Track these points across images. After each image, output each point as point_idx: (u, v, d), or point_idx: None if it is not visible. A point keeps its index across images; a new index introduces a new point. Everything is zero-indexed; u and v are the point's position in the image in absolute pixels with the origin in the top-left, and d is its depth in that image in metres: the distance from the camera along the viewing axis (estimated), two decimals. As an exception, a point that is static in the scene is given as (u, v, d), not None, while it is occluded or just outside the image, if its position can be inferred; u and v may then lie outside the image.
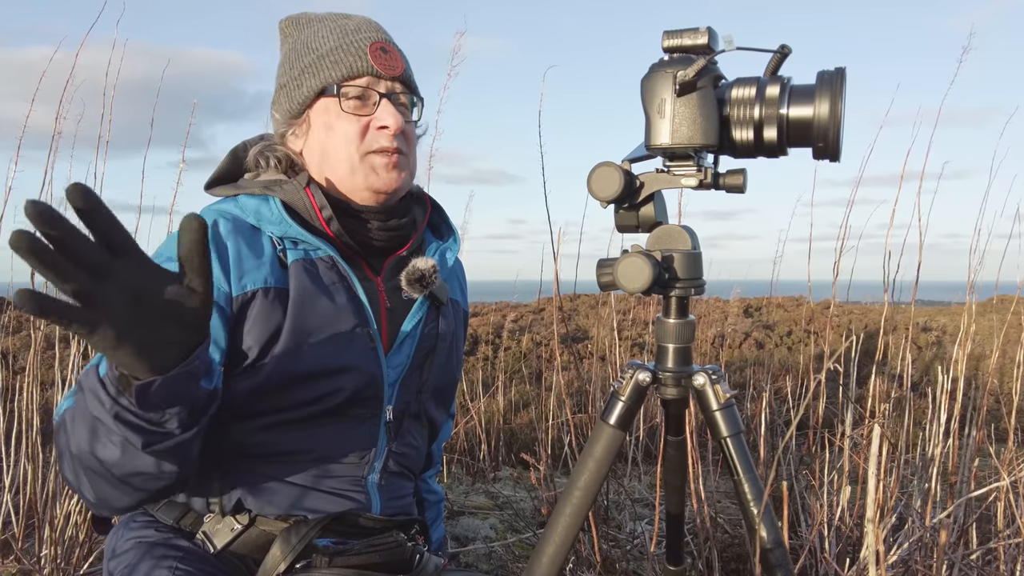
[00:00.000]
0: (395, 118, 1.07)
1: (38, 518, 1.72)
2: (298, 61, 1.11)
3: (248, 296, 1.00)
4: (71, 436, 0.85)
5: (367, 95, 1.08)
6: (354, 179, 1.08)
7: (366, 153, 1.07)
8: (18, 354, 4.02)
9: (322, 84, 1.08)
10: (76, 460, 0.86)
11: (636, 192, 0.93)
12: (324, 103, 1.09)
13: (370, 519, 1.07)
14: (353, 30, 1.11)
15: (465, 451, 2.98)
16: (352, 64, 1.08)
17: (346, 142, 1.07)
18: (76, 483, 0.90)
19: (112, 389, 0.77)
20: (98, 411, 0.79)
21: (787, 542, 0.94)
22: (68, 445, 0.86)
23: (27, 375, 1.79)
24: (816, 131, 0.84)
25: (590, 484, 0.95)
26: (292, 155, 1.12)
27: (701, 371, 0.95)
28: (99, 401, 0.78)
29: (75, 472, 0.88)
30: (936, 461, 1.71)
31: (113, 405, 0.78)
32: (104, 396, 0.78)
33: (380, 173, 1.08)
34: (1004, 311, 2.40)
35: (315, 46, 1.10)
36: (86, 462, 0.85)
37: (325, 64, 1.08)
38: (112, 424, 0.79)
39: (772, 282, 3.10)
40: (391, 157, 1.08)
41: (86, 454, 0.83)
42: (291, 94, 1.11)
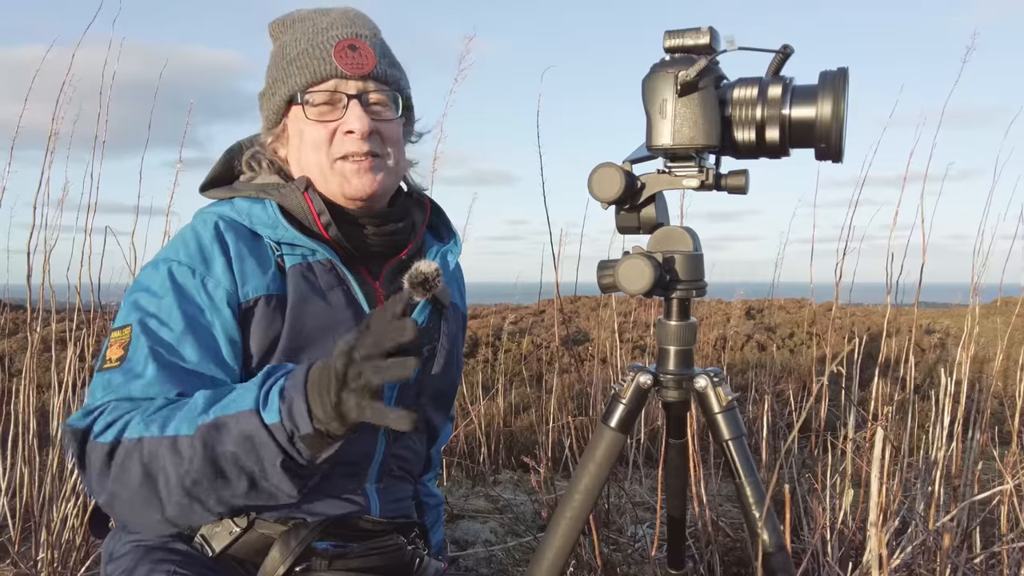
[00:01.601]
0: (361, 121, 1.04)
1: (35, 521, 1.71)
2: (273, 69, 1.10)
3: (251, 303, 0.99)
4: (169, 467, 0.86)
5: (335, 98, 1.06)
6: (328, 186, 1.07)
7: (335, 159, 1.05)
8: (15, 356, 4.01)
9: (290, 92, 1.07)
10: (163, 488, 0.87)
11: (637, 193, 0.92)
12: (295, 111, 1.08)
13: (370, 522, 1.07)
14: (324, 29, 1.07)
15: (465, 454, 2.97)
16: (316, 68, 1.05)
17: (315, 149, 1.05)
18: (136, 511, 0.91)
19: (298, 445, 0.83)
20: (250, 458, 0.85)
21: (789, 546, 0.93)
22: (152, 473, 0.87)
23: (24, 378, 1.78)
24: (819, 132, 0.83)
25: (591, 487, 0.95)
26: (279, 160, 1.12)
27: (703, 374, 0.95)
28: (260, 450, 0.84)
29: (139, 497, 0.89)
30: (939, 464, 1.70)
31: (286, 458, 0.84)
32: (274, 448, 0.83)
33: (351, 179, 1.06)
34: (1008, 313, 2.39)
35: (288, 51, 1.09)
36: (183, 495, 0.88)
37: (292, 70, 1.07)
38: (272, 471, 0.85)
39: (774, 284, 3.10)
40: (361, 162, 1.05)
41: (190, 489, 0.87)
42: (267, 103, 1.11)
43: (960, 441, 1.80)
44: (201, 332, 0.97)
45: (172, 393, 0.93)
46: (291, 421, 0.82)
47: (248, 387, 0.88)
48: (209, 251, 1.00)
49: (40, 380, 2.05)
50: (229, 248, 1.01)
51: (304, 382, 0.83)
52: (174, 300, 0.97)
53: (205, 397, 0.89)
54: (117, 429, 0.89)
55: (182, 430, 0.86)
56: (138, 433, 0.88)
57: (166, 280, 0.99)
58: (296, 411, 0.82)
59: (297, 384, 0.83)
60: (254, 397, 0.85)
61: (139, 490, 0.88)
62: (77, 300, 1.87)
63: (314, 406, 0.81)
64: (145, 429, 0.87)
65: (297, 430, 0.82)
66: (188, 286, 0.98)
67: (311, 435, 0.82)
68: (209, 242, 1.01)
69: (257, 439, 0.83)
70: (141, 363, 0.94)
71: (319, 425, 0.82)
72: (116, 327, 0.99)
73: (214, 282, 0.99)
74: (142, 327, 0.96)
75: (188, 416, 0.88)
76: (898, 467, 1.77)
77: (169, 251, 1.02)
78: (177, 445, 0.86)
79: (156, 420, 0.88)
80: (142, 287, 1.00)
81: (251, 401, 0.85)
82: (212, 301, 0.98)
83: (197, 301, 0.98)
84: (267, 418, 0.83)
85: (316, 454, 0.85)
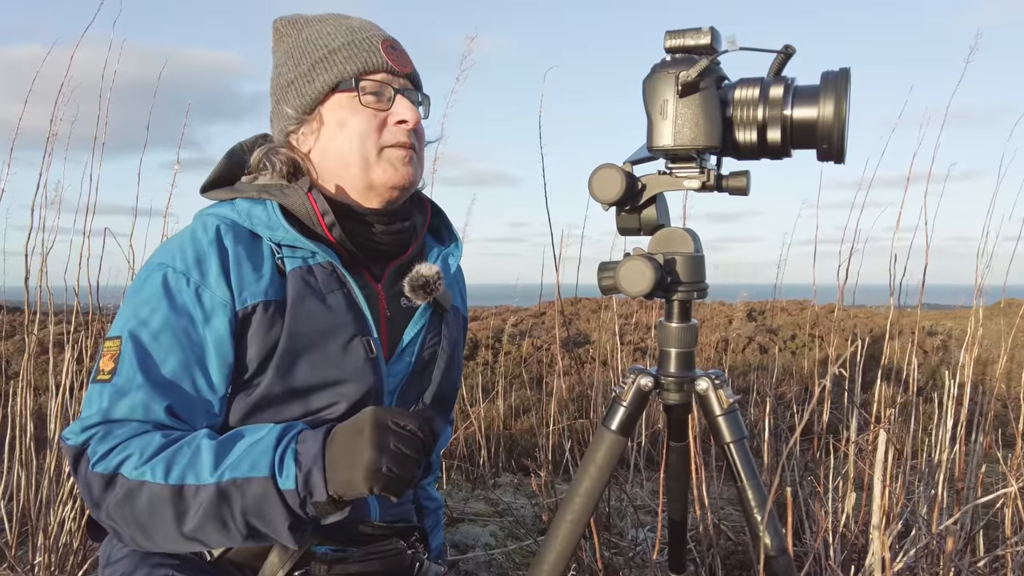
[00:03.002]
0: (413, 112, 1.08)
1: (31, 525, 1.70)
2: (305, 57, 1.09)
3: (249, 310, 0.99)
4: (172, 514, 0.88)
5: (383, 90, 1.08)
6: (369, 175, 1.06)
7: (383, 148, 1.07)
8: (12, 359, 4.01)
9: (337, 78, 1.07)
10: (163, 528, 0.89)
11: (638, 194, 0.92)
12: (338, 99, 1.07)
13: (369, 526, 1.06)
14: (359, 28, 1.10)
15: (465, 457, 2.96)
16: (367, 59, 1.07)
17: (362, 137, 1.06)
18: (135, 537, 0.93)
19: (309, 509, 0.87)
20: (258, 518, 0.87)
21: (791, 549, 0.93)
22: (155, 517, 0.89)
23: (21, 380, 1.77)
24: (820, 132, 0.83)
25: (591, 490, 0.94)
26: (298, 158, 1.10)
27: (704, 376, 0.95)
28: (269, 512, 0.87)
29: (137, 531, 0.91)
30: (943, 467, 1.69)
31: (294, 521, 0.87)
32: (283, 511, 0.86)
33: (398, 168, 1.07)
34: (1012, 315, 2.38)
35: (323, 42, 1.09)
36: (183, 537, 0.90)
37: (338, 59, 1.07)
38: (279, 530, 0.88)
39: (776, 285, 3.09)
40: (408, 152, 1.08)
41: (191, 533, 0.89)
42: (302, 90, 1.08)
43: (963, 444, 1.79)
44: (192, 346, 0.97)
45: (161, 409, 0.94)
46: (306, 488, 0.86)
47: (259, 446, 0.90)
48: (206, 256, 0.99)
49: (37, 383, 2.05)
50: (228, 254, 1.00)
51: (322, 450, 0.88)
52: (167, 312, 0.97)
53: (211, 447, 0.90)
54: (115, 461, 0.90)
55: (188, 479, 0.88)
56: (140, 476, 0.89)
57: (160, 289, 0.98)
58: (313, 479, 0.86)
59: (314, 452, 0.88)
60: (268, 462, 0.88)
61: (138, 523, 0.90)
62: (75, 302, 1.86)
63: (332, 475, 0.86)
64: (149, 473, 0.88)
65: (311, 496, 0.86)
66: (182, 296, 0.98)
67: (324, 502, 0.86)
68: (207, 249, 1.00)
69: (268, 503, 0.87)
70: (129, 379, 0.94)
71: (333, 493, 0.86)
72: (109, 337, 0.99)
73: (209, 293, 0.98)
74: (132, 339, 0.95)
75: (193, 463, 0.89)
76: (901, 470, 1.76)
77: (166, 255, 1.01)
78: (183, 495, 0.88)
79: (159, 464, 0.89)
80: (136, 295, 0.99)
81: (265, 467, 0.87)
82: (205, 313, 0.97)
83: (190, 312, 0.97)
84: (282, 484, 0.86)
85: (325, 517, 0.89)
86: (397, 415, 0.89)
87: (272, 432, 0.91)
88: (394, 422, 0.88)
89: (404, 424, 0.88)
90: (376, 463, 0.84)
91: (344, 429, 0.89)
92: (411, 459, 0.87)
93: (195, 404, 0.96)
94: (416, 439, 0.88)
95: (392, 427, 0.87)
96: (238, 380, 1.00)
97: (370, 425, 0.87)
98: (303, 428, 0.93)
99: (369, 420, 0.88)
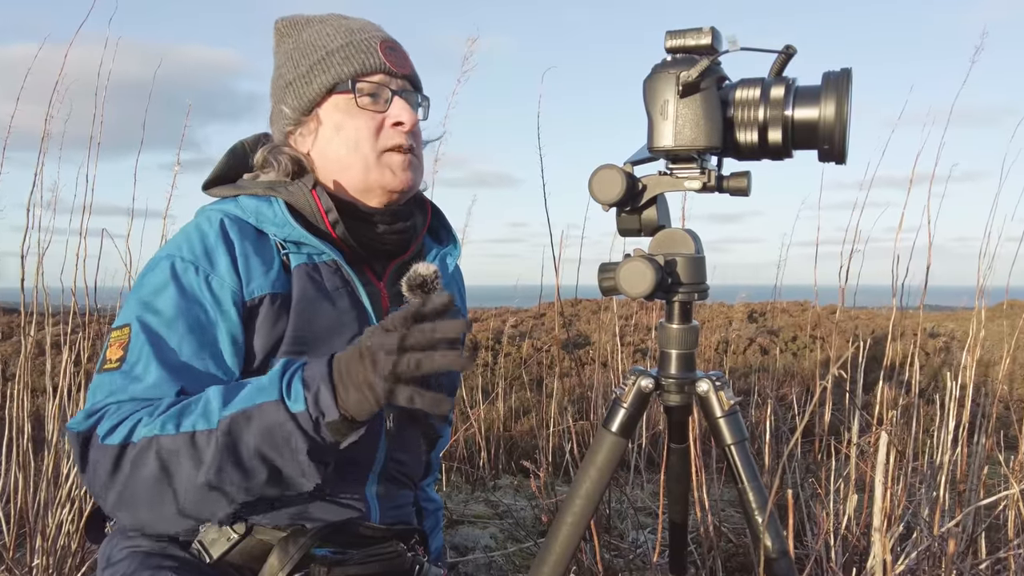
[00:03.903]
0: (410, 114, 1.07)
1: (29, 527, 1.70)
2: (304, 58, 1.09)
3: (256, 302, 0.99)
4: (187, 462, 0.85)
5: (380, 92, 1.07)
6: (368, 178, 1.06)
7: (382, 151, 1.06)
8: (9, 360, 4.01)
9: (334, 80, 1.06)
10: (181, 483, 0.86)
11: (638, 195, 0.92)
12: (335, 100, 1.07)
13: (369, 528, 1.05)
14: (359, 29, 1.10)
15: (464, 459, 2.95)
16: (365, 60, 1.07)
17: (360, 140, 1.06)
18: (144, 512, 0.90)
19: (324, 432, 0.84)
20: (273, 449, 0.84)
21: (792, 551, 0.92)
22: (169, 469, 0.86)
23: (18, 382, 1.77)
24: (822, 133, 0.83)
25: (592, 492, 0.94)
26: (300, 156, 1.10)
27: (705, 377, 0.94)
28: (284, 439, 0.84)
29: (154, 493, 0.88)
30: (944, 469, 1.69)
31: (311, 446, 0.84)
32: (299, 436, 0.83)
33: (396, 172, 1.07)
34: (1014, 316, 2.38)
35: (322, 43, 1.09)
36: (202, 488, 0.86)
37: (336, 60, 1.07)
38: (300, 460, 0.84)
39: (777, 286, 3.09)
40: (406, 155, 1.08)
41: (211, 481, 0.85)
42: (300, 91, 1.09)
43: (965, 446, 1.79)
44: (203, 330, 0.96)
45: (173, 392, 0.92)
46: (317, 408, 0.83)
47: (266, 380, 0.88)
48: (213, 248, 0.99)
49: (34, 384, 2.05)
50: (234, 245, 1.00)
51: (328, 371, 0.85)
52: (176, 297, 0.96)
53: (218, 392, 0.89)
54: (125, 431, 0.88)
55: (199, 425, 0.86)
56: (150, 432, 0.87)
57: (168, 277, 0.97)
58: (322, 398, 0.83)
59: (320, 373, 0.85)
60: (276, 388, 0.86)
61: (154, 486, 0.87)
62: (72, 304, 1.86)
63: (342, 393, 0.83)
64: (160, 428, 0.86)
65: (323, 416, 0.83)
66: (191, 283, 0.97)
67: (336, 421, 0.83)
68: (214, 239, 1.00)
69: (282, 428, 0.84)
70: (141, 363, 0.93)
71: (345, 411, 0.83)
72: (116, 326, 0.98)
73: (219, 280, 0.98)
74: (142, 326, 0.95)
75: (203, 411, 0.87)
76: (903, 472, 1.75)
77: (172, 247, 1.01)
78: (195, 440, 0.85)
79: (169, 418, 0.87)
80: (143, 285, 0.99)
81: (274, 392, 0.85)
82: (216, 299, 0.97)
83: (200, 299, 0.97)
84: (292, 407, 0.84)
85: (340, 440, 0.86)
86: (386, 321, 0.83)
87: (278, 366, 0.89)
88: (384, 327, 0.83)
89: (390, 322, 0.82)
90: (370, 376, 0.81)
91: (346, 352, 0.86)
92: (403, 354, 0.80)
93: (208, 386, 0.94)
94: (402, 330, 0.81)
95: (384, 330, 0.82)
96: (244, 372, 0.99)
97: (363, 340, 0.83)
98: (307, 360, 0.90)
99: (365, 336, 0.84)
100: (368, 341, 0.82)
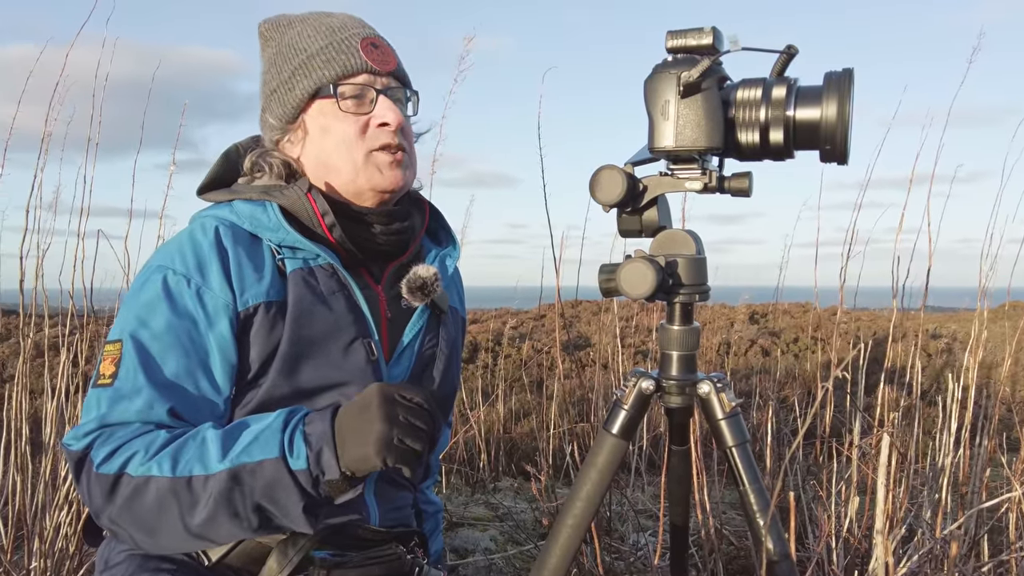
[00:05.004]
0: (395, 113, 1.05)
1: (27, 530, 1.69)
2: (287, 64, 1.08)
3: (250, 311, 0.98)
4: (183, 507, 0.87)
5: (364, 93, 1.06)
6: (357, 180, 1.05)
7: (369, 151, 1.05)
8: (7, 362, 4.01)
9: (316, 84, 1.05)
10: (172, 524, 0.88)
11: (639, 196, 0.91)
12: (319, 105, 1.06)
13: (368, 531, 1.05)
14: (340, 27, 1.08)
15: (464, 461, 2.95)
16: (346, 62, 1.05)
17: (347, 143, 1.04)
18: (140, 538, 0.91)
19: (322, 488, 0.86)
20: (270, 503, 0.86)
21: (794, 554, 0.92)
22: (163, 513, 0.87)
23: (16, 383, 1.77)
24: (823, 133, 0.82)
25: (592, 495, 0.94)
26: (290, 161, 1.09)
27: (706, 379, 0.94)
28: (282, 495, 0.85)
29: (145, 531, 0.89)
30: (947, 471, 1.68)
31: (308, 503, 0.86)
32: (297, 493, 0.85)
33: (384, 172, 1.06)
34: (1016, 318, 2.37)
35: (303, 46, 1.07)
36: (191, 534, 0.88)
37: (316, 64, 1.05)
38: (293, 514, 0.86)
39: (778, 288, 3.08)
40: (395, 155, 1.06)
41: (201, 527, 0.87)
42: (283, 98, 1.08)
43: (967, 448, 1.79)
44: (194, 347, 0.96)
45: (164, 411, 0.93)
46: (318, 467, 0.85)
47: (267, 431, 0.89)
48: (207, 260, 0.98)
49: (33, 386, 2.04)
50: (228, 256, 0.99)
51: (331, 429, 0.87)
52: (168, 313, 0.96)
53: (216, 438, 0.89)
54: (120, 461, 0.88)
55: (195, 470, 0.87)
56: (146, 471, 0.87)
57: (160, 292, 0.97)
58: (324, 457, 0.85)
59: (324, 430, 0.87)
60: (278, 442, 0.87)
61: (147, 520, 0.88)
62: (70, 305, 1.85)
63: (344, 452, 0.85)
64: (156, 467, 0.87)
65: (323, 475, 0.86)
66: (183, 298, 0.97)
67: (337, 480, 0.86)
68: (208, 249, 0.99)
69: (281, 485, 0.85)
70: (131, 382, 0.93)
71: (345, 470, 0.85)
72: (109, 340, 0.97)
73: (211, 294, 0.97)
74: (134, 342, 0.94)
75: (200, 455, 0.87)
76: (904, 474, 1.75)
77: (165, 258, 1.00)
78: (192, 486, 0.86)
79: (165, 458, 0.88)
80: (136, 299, 0.98)
81: (275, 448, 0.86)
82: (207, 315, 0.96)
83: (192, 315, 0.96)
84: (294, 464, 0.85)
85: (337, 496, 0.88)
86: (403, 388, 0.89)
87: (278, 417, 0.90)
88: (400, 395, 0.87)
89: (411, 396, 0.88)
90: (387, 435, 0.83)
91: (351, 407, 0.88)
92: (421, 430, 0.86)
93: (199, 406, 0.95)
94: (424, 411, 0.87)
95: (399, 400, 0.87)
96: (241, 382, 0.99)
97: (377, 399, 0.86)
98: (308, 411, 0.92)
99: (376, 394, 0.87)
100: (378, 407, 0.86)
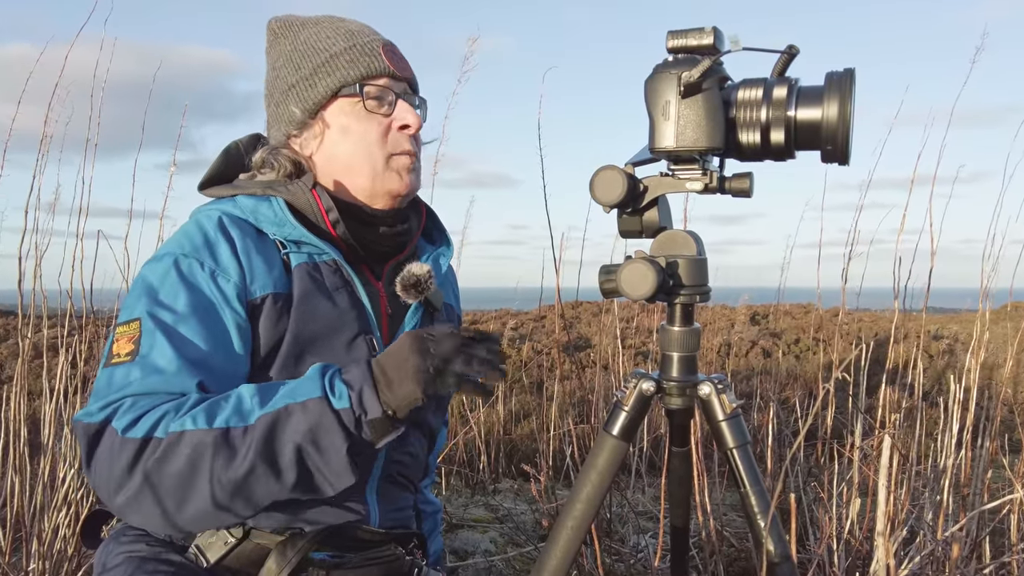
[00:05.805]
0: (415, 117, 1.08)
1: (25, 532, 1.69)
2: (306, 61, 1.08)
3: (258, 301, 0.98)
4: (218, 460, 0.84)
5: (385, 95, 1.08)
6: (375, 182, 1.07)
7: (390, 155, 1.07)
8: (5, 363, 4.01)
9: (340, 82, 1.06)
10: (206, 483, 0.85)
11: (640, 196, 0.91)
12: (340, 104, 1.07)
13: (368, 531, 1.05)
14: (359, 32, 1.10)
15: (464, 463, 2.94)
16: (370, 64, 1.07)
17: (368, 144, 1.06)
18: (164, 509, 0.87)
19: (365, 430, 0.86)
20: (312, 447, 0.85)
21: (795, 556, 0.91)
22: (197, 467, 0.85)
23: (15, 384, 1.76)
24: (824, 134, 0.82)
25: (593, 496, 0.93)
26: (300, 159, 1.10)
27: (707, 380, 0.94)
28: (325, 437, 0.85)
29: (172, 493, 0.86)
30: (948, 473, 1.68)
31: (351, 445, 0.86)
32: (341, 434, 0.85)
33: (403, 176, 1.08)
34: (1018, 318, 2.37)
35: (323, 46, 1.08)
36: (228, 490, 0.85)
37: (340, 64, 1.07)
38: (336, 459, 0.85)
39: (780, 289, 3.08)
40: (412, 159, 1.09)
41: (239, 482, 0.85)
42: (303, 94, 1.08)
43: (969, 449, 1.78)
44: (213, 323, 0.95)
45: (193, 385, 0.90)
46: (360, 406, 0.85)
47: (305, 380, 0.89)
48: (215, 242, 0.98)
49: (31, 387, 2.04)
50: (236, 243, 0.99)
51: (369, 371, 0.88)
52: (183, 292, 0.95)
53: (252, 391, 0.88)
54: (148, 424, 0.85)
55: (233, 422, 0.85)
56: (180, 426, 0.85)
57: (172, 273, 0.96)
58: (366, 396, 0.86)
59: (361, 374, 0.88)
60: (319, 385, 0.87)
61: (177, 483, 0.85)
62: (69, 306, 1.85)
63: (385, 390, 0.87)
64: (191, 422, 0.85)
65: (365, 414, 0.85)
66: (197, 278, 0.96)
67: (379, 418, 0.86)
68: (214, 234, 0.99)
69: (323, 426, 0.84)
70: (158, 356, 0.90)
71: (387, 407, 0.86)
72: (122, 321, 0.95)
73: (224, 276, 0.97)
74: (154, 320, 0.93)
75: (236, 409, 0.86)
76: (906, 475, 1.75)
77: (173, 245, 0.99)
78: (229, 437, 0.84)
79: (200, 413, 0.85)
80: (147, 281, 0.97)
81: (317, 389, 0.86)
82: (223, 294, 0.96)
83: (207, 293, 0.96)
84: (336, 403, 0.85)
85: (380, 439, 0.87)
86: (430, 329, 0.91)
87: (313, 368, 0.91)
88: (428, 334, 0.90)
89: (438, 333, 0.90)
90: (422, 365, 0.86)
91: (385, 353, 0.91)
92: (453, 354, 0.88)
93: (225, 381, 0.93)
94: (454, 336, 0.89)
95: (427, 336, 0.89)
96: (250, 367, 0.98)
97: (408, 340, 0.89)
98: (341, 368, 0.93)
99: (406, 338, 0.89)
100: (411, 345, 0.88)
